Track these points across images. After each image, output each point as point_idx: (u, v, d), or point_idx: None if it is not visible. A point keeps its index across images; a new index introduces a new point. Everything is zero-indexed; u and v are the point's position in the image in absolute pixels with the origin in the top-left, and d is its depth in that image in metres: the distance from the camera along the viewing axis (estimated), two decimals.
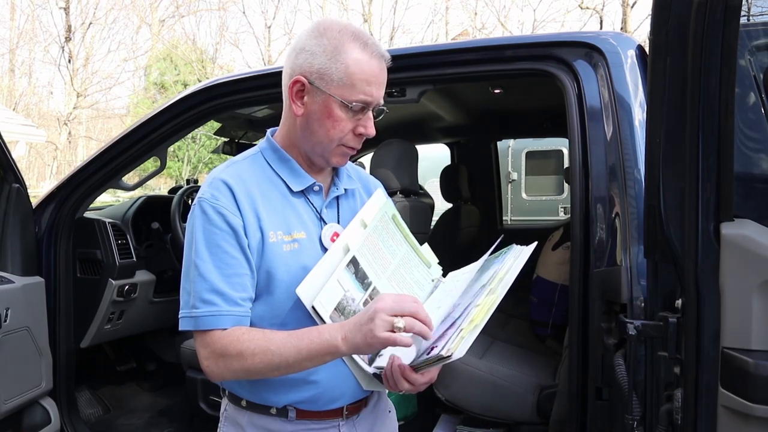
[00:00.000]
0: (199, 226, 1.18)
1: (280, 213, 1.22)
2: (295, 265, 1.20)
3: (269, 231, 1.19)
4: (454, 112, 3.52)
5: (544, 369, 2.38)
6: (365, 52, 1.18)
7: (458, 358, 1.00)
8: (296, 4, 29.61)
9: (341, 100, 1.18)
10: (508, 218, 6.79)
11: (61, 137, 19.50)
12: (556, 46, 1.80)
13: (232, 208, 1.18)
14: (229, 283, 1.16)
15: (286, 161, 1.27)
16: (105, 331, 2.71)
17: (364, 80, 1.18)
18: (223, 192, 1.19)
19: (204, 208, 1.18)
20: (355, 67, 1.17)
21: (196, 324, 1.15)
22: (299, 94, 1.21)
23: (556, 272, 2.78)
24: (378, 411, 1.37)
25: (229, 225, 1.17)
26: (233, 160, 1.28)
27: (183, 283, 1.20)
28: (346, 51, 1.17)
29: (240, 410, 1.27)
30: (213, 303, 1.15)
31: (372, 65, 1.18)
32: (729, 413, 1.09)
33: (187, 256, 1.20)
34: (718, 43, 1.04)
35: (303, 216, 1.25)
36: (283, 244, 1.20)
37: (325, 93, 1.18)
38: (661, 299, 1.24)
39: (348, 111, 1.19)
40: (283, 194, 1.25)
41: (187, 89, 2.30)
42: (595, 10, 17.42)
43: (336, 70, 1.17)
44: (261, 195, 1.22)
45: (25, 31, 21.04)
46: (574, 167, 1.68)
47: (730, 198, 1.09)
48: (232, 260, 1.17)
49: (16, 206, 2.22)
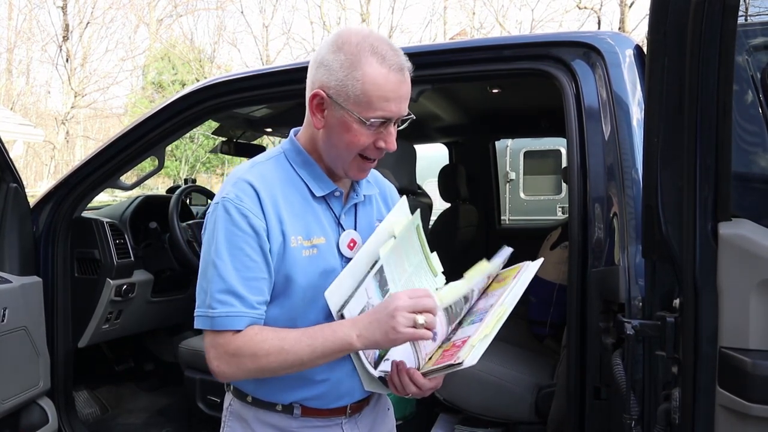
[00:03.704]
0: (222, 227, 1.17)
1: (301, 217, 1.22)
2: (313, 270, 1.21)
3: (290, 236, 1.19)
4: (452, 112, 3.52)
5: (543, 368, 2.39)
6: (383, 66, 1.14)
7: (469, 365, 1.06)
8: (294, 3, 29.54)
9: (359, 117, 1.16)
10: (506, 218, 6.79)
11: (58, 137, 19.47)
12: (554, 46, 1.80)
13: (257, 211, 1.17)
14: (247, 285, 1.16)
15: (309, 165, 1.26)
16: (103, 331, 2.71)
17: (381, 97, 1.15)
18: (248, 194, 1.18)
19: (228, 208, 1.17)
20: (371, 85, 1.14)
21: (212, 324, 1.15)
22: (319, 107, 1.20)
23: (554, 272, 2.79)
24: (378, 409, 1.39)
25: (252, 227, 1.16)
26: (256, 161, 1.27)
27: (200, 281, 1.20)
28: (363, 67, 1.14)
29: (245, 406, 1.28)
30: (230, 304, 1.15)
31: (390, 80, 1.15)
32: (727, 413, 1.09)
33: (206, 254, 1.19)
34: (716, 43, 1.04)
35: (323, 221, 1.25)
36: (303, 249, 1.20)
37: (343, 108, 1.16)
38: (659, 299, 1.24)
39: (367, 126, 1.17)
40: (305, 198, 1.25)
41: (185, 89, 2.29)
42: (593, 9, 17.43)
43: (352, 87, 1.14)
44: (283, 198, 1.21)
45: (23, 31, 21.01)
46: (572, 167, 1.68)
47: (727, 198, 1.09)
48: (252, 263, 1.16)
49: (14, 206, 2.21)
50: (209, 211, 1.22)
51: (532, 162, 7.24)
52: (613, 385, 1.40)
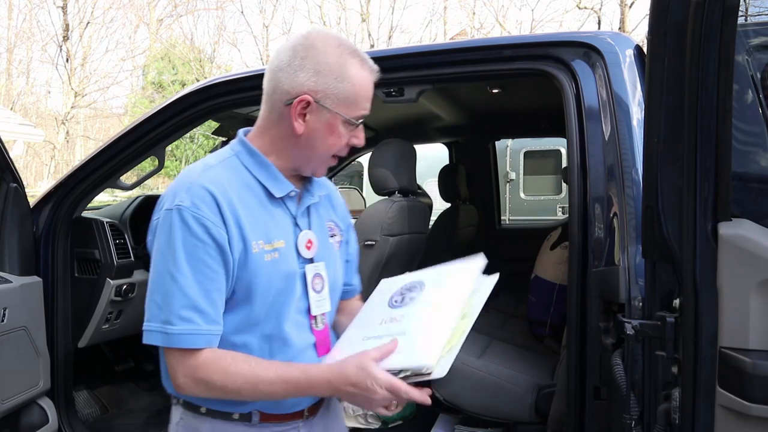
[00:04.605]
0: (179, 237, 1.12)
1: (260, 221, 1.20)
2: (276, 274, 1.20)
3: (252, 241, 1.17)
4: (452, 112, 3.52)
5: (543, 368, 2.38)
6: (364, 68, 1.20)
7: (439, 377, 1.07)
8: (294, 3, 29.56)
9: (346, 117, 1.19)
10: (506, 218, 6.79)
11: (58, 137, 19.46)
12: (554, 46, 1.80)
13: (216, 219, 1.13)
14: (209, 298, 1.13)
15: (265, 166, 1.24)
16: (103, 331, 2.70)
17: (364, 97, 1.21)
18: (206, 201, 1.13)
19: (184, 217, 1.12)
20: (360, 86, 1.19)
21: (169, 341, 1.13)
22: (302, 112, 1.19)
23: (554, 272, 2.78)
24: (331, 409, 1.39)
25: (212, 237, 1.12)
26: (208, 164, 1.22)
27: (153, 294, 1.15)
28: (350, 69, 1.18)
29: (199, 417, 1.25)
30: (192, 321, 1.12)
31: (370, 81, 1.22)
32: (727, 413, 1.09)
33: (160, 266, 1.14)
34: (716, 42, 1.04)
35: (281, 223, 1.24)
36: (265, 254, 1.18)
37: (330, 111, 1.18)
38: (659, 299, 1.24)
39: (350, 126, 1.21)
40: (261, 201, 1.22)
41: (185, 89, 2.29)
42: (593, 9, 17.44)
43: (344, 89, 1.18)
44: (241, 202, 1.18)
45: (23, 30, 21.01)
46: (572, 167, 1.68)
47: (727, 198, 1.09)
48: (213, 274, 1.13)
49: (14, 206, 2.21)
50: (159, 218, 1.16)
51: (532, 162, 7.25)
52: (613, 385, 1.40)
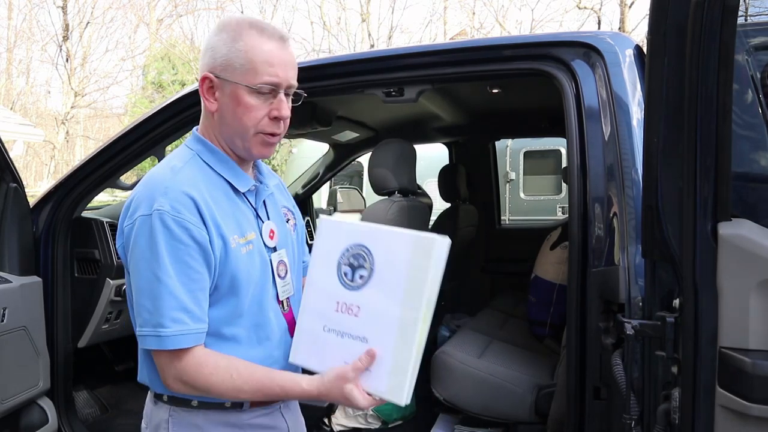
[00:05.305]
0: (162, 241, 1.14)
1: (231, 216, 1.24)
2: (254, 265, 1.25)
3: (229, 237, 1.21)
4: (452, 112, 3.52)
5: (542, 368, 2.39)
6: (262, 36, 1.21)
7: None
8: (294, 3, 29.53)
9: (247, 86, 1.20)
10: (506, 218, 6.79)
11: (58, 136, 19.46)
12: (554, 46, 1.80)
13: (197, 221, 1.16)
14: (194, 299, 1.16)
15: (225, 161, 1.28)
16: (103, 331, 2.70)
17: (265, 62, 1.20)
18: (185, 204, 1.16)
19: (166, 221, 1.14)
20: (254, 51, 1.20)
21: (162, 344, 1.15)
22: (210, 91, 1.25)
23: (554, 272, 2.78)
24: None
25: (194, 239, 1.15)
26: (175, 167, 1.23)
27: (140, 299, 1.16)
28: (243, 38, 1.20)
29: (192, 411, 1.27)
30: (182, 321, 1.15)
31: (271, 46, 1.21)
32: (727, 413, 1.09)
33: (145, 271, 1.15)
34: (716, 42, 1.04)
35: (248, 216, 1.28)
36: (242, 247, 1.23)
37: (231, 82, 1.21)
38: (659, 299, 1.24)
39: (257, 96, 1.22)
40: (229, 196, 1.26)
41: (185, 88, 2.29)
42: (593, 9, 17.42)
43: (236, 57, 1.20)
44: (213, 201, 1.21)
45: (23, 30, 21.00)
46: (572, 167, 1.68)
47: (727, 197, 1.09)
48: (197, 275, 1.16)
49: (14, 206, 2.21)
50: (137, 223, 1.16)
51: (532, 162, 7.24)
52: (613, 385, 1.40)
